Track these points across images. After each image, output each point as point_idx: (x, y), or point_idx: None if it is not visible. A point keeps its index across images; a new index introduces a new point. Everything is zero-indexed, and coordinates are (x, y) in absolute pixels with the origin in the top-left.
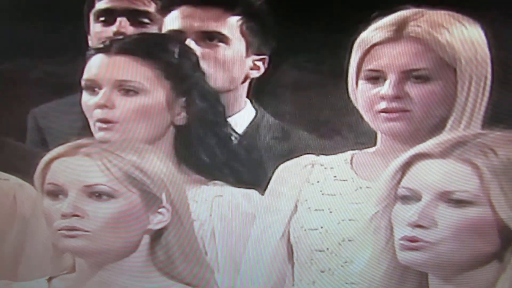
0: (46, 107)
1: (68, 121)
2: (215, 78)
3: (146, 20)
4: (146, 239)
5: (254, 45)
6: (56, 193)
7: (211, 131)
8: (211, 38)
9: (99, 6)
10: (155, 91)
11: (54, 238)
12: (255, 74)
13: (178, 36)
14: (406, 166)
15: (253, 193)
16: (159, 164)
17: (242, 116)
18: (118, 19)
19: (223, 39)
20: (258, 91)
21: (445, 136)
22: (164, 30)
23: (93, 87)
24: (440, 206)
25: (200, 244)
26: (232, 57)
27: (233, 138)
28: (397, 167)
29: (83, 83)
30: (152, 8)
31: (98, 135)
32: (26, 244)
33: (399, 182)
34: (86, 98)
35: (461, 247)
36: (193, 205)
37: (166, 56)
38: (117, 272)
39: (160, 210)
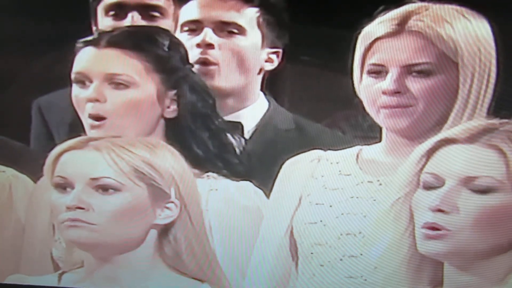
0: (50, 97)
1: (71, 112)
2: (231, 68)
3: (157, 14)
4: (153, 234)
5: (269, 38)
6: (63, 185)
7: (202, 124)
8: (228, 28)
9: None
10: (145, 84)
11: (59, 230)
12: (268, 66)
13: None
14: (431, 152)
15: (247, 184)
16: (171, 159)
17: (255, 108)
18: (130, 13)
19: (240, 29)
20: (271, 84)
21: (474, 123)
22: (180, 21)
23: (83, 80)
24: (463, 192)
25: None
26: (248, 48)
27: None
28: (423, 153)
29: (73, 76)
30: (161, 2)
31: (90, 133)
32: (24, 237)
33: (423, 167)
34: (77, 92)
35: (481, 235)
36: None
37: (156, 49)
38: (123, 266)
39: (168, 205)
